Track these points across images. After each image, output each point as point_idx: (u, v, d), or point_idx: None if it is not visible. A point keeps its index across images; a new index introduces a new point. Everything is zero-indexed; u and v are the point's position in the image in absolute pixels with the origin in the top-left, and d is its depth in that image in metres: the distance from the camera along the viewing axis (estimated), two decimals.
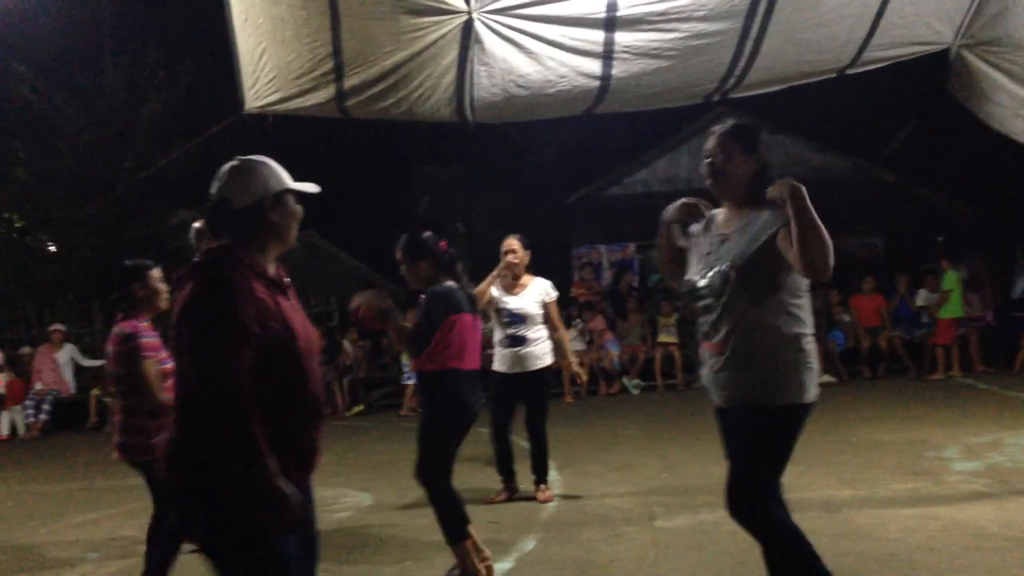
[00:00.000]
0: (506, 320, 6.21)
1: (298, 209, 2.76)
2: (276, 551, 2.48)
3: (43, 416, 12.84)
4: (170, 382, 3.92)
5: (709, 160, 3.28)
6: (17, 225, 16.96)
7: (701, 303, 3.26)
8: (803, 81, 6.16)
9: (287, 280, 2.72)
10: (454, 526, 4.42)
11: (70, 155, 15.59)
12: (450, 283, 4.59)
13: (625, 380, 12.60)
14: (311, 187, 2.81)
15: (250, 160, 2.72)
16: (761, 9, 5.24)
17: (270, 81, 5.61)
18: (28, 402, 12.96)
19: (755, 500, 3.19)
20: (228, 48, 5.54)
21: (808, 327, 3.21)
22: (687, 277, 3.33)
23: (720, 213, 3.36)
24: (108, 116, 15.88)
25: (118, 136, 15.78)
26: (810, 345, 3.20)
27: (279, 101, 5.74)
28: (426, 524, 5.71)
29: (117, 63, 16.08)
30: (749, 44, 5.48)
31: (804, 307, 3.21)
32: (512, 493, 6.28)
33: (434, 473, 4.48)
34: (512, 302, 6.21)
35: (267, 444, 2.36)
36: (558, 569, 4.63)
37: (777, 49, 5.55)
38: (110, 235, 14.81)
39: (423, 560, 4.92)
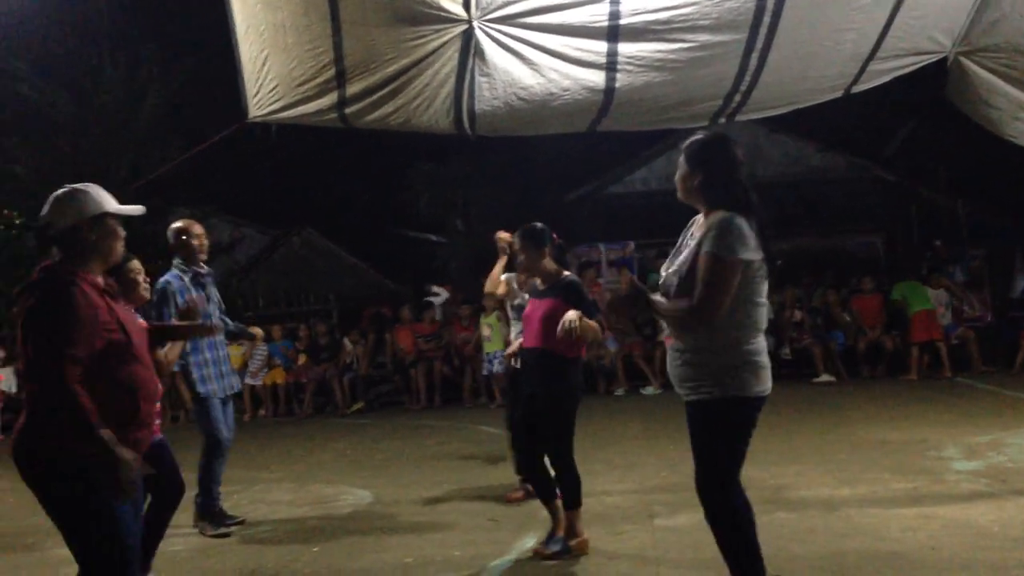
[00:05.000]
0: (515, 316, 6.18)
1: (119, 230, 3.19)
2: (113, 516, 2.94)
3: None
4: None
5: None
6: (17, 222, 16.93)
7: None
8: (809, 103, 6.12)
9: (113, 287, 3.23)
10: (576, 492, 4.86)
11: (68, 152, 15.58)
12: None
13: (643, 390, 12.49)
14: (134, 209, 3.26)
15: (73, 188, 3.18)
16: (766, 20, 5.21)
17: (273, 89, 5.61)
18: None
19: (722, 490, 3.39)
20: (226, 46, 5.53)
21: (755, 327, 3.36)
22: (660, 271, 3.58)
23: (699, 218, 3.55)
24: (106, 113, 15.86)
25: (116, 133, 15.77)
26: (755, 344, 3.35)
27: (282, 109, 5.74)
28: (426, 522, 5.73)
29: (115, 61, 16.05)
30: (754, 57, 5.45)
31: (750, 309, 3.33)
32: (529, 493, 6.24)
33: (568, 446, 4.88)
34: (522, 298, 6.17)
35: (100, 419, 2.87)
36: (557, 567, 4.63)
37: (782, 63, 5.51)
38: None
39: (423, 558, 4.93)
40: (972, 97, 6.15)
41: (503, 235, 6.10)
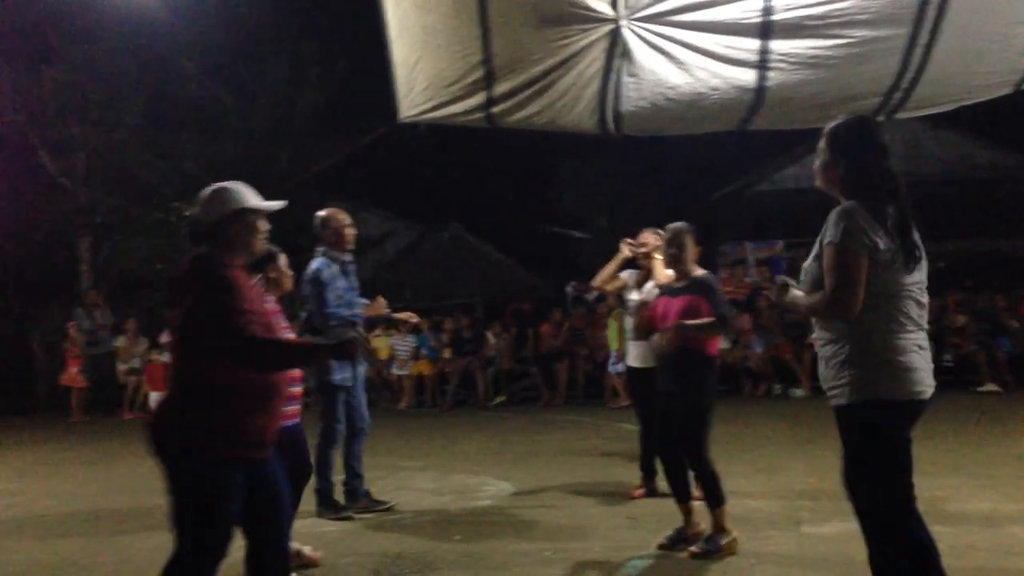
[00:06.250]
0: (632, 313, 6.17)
1: (259, 224, 3.40)
2: (225, 495, 3.15)
3: None
4: None
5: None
6: (186, 213, 17.97)
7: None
8: (975, 100, 5.76)
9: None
10: (718, 491, 4.83)
11: (233, 148, 16.40)
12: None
13: (790, 392, 12.19)
14: (274, 205, 3.42)
15: (220, 186, 3.41)
16: (930, 14, 4.90)
17: (424, 89, 5.73)
18: None
19: (888, 512, 3.15)
20: (381, 46, 5.69)
21: (905, 325, 3.13)
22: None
23: None
24: (268, 111, 16.62)
25: (276, 130, 16.50)
26: (897, 341, 3.11)
27: (432, 109, 5.86)
28: (565, 516, 5.76)
29: (277, 60, 16.79)
30: (918, 52, 5.13)
31: (899, 304, 3.12)
32: (650, 492, 6.21)
33: (704, 444, 4.86)
34: (635, 294, 6.15)
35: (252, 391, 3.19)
36: (697, 569, 4.58)
37: (947, 59, 5.18)
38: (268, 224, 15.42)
39: (562, 552, 4.96)
40: None
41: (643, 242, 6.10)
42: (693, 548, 4.78)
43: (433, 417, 12.29)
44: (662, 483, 6.15)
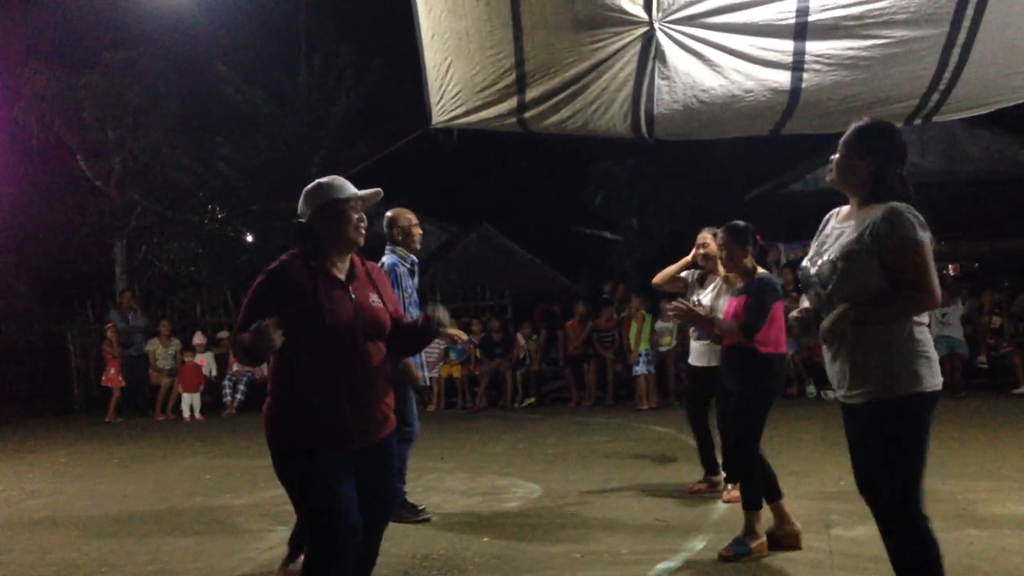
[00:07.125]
0: None
1: (347, 214, 3.32)
2: (321, 478, 3.21)
3: (239, 396, 13.69)
4: None
5: (833, 158, 3.42)
6: (219, 216, 18.17)
7: (811, 291, 3.39)
8: (1015, 102, 5.64)
9: (359, 273, 3.43)
10: (757, 496, 4.83)
11: (268, 150, 16.54)
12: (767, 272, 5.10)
13: (824, 393, 12.06)
14: (365, 193, 3.39)
15: (314, 183, 3.39)
16: (969, 12, 4.82)
17: (455, 95, 5.74)
18: (226, 382, 13.86)
19: (908, 506, 3.18)
20: (414, 49, 5.72)
21: (922, 317, 3.23)
22: (803, 264, 3.46)
23: (844, 209, 3.45)
24: (302, 113, 16.75)
25: (310, 132, 16.63)
26: (924, 335, 3.21)
27: (464, 114, 5.86)
28: (594, 518, 5.75)
29: (311, 63, 16.92)
30: (956, 52, 5.05)
31: None
32: (713, 486, 6.22)
33: (752, 446, 4.84)
34: (702, 296, 6.12)
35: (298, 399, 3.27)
36: (725, 572, 4.56)
37: (987, 59, 5.09)
38: None
39: (591, 554, 4.96)
40: None
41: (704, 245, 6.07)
42: (722, 551, 4.76)
43: (463, 419, 12.31)
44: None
